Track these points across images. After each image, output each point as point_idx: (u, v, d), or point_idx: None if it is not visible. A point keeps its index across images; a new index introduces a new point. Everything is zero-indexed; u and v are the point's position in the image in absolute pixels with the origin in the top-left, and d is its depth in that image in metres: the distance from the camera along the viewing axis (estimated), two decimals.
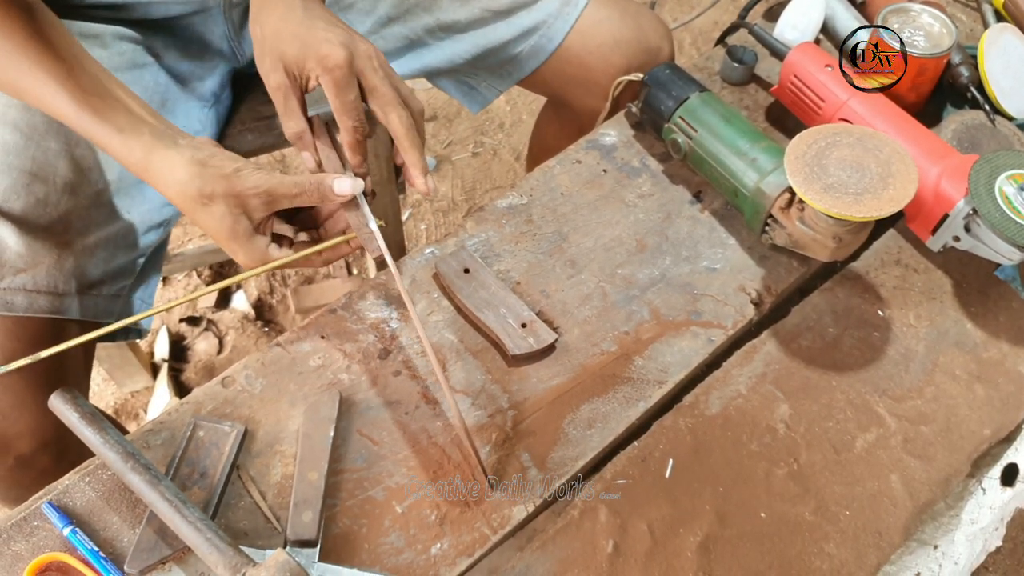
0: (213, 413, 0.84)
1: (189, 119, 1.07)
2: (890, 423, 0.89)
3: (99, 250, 0.96)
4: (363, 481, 0.81)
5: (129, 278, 1.00)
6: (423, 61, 1.16)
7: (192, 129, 1.07)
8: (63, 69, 0.80)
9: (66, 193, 0.94)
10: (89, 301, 0.95)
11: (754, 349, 0.93)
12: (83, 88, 0.80)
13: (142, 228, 1.00)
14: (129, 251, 0.99)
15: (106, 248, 0.96)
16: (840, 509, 0.84)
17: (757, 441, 0.87)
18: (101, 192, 0.96)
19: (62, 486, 0.79)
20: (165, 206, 1.02)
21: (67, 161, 0.94)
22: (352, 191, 0.82)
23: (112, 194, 0.97)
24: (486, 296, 0.91)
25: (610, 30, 1.11)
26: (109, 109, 0.80)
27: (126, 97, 0.83)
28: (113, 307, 0.99)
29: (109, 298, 0.98)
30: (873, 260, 1.00)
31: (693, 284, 0.96)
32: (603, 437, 0.85)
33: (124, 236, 0.98)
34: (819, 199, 0.84)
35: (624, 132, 1.08)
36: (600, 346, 0.91)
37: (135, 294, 1.02)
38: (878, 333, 0.95)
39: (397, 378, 0.87)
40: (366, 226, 0.84)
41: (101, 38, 1.01)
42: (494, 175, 1.99)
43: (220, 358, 1.70)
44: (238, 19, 1.11)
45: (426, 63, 1.16)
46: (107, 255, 0.96)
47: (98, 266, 0.96)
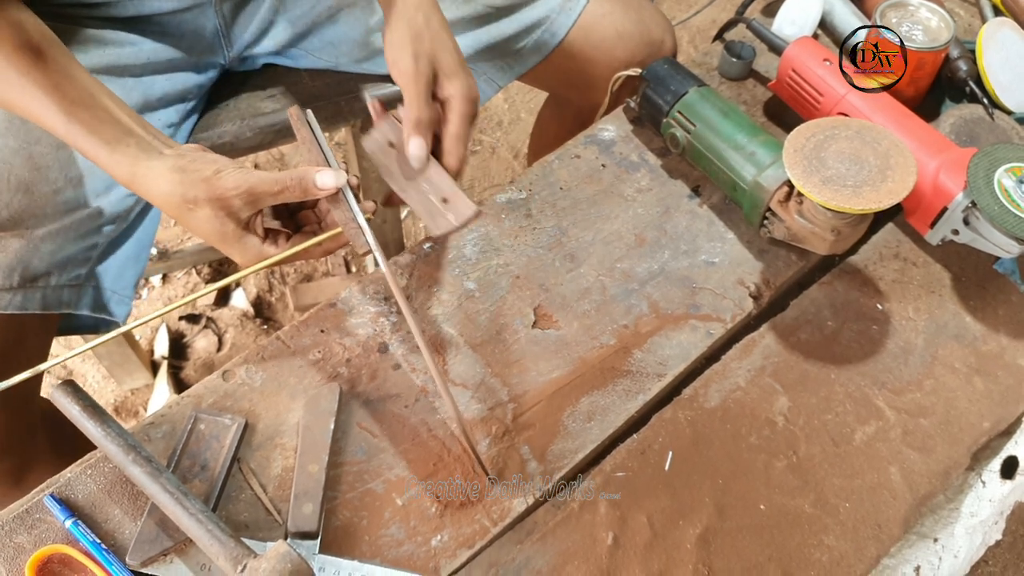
0: (214, 406, 0.84)
1: (169, 115, 1.07)
2: (889, 416, 0.90)
3: (46, 243, 0.94)
4: (363, 474, 0.81)
5: (83, 267, 0.98)
6: None
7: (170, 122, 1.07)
8: (52, 81, 0.80)
9: (20, 192, 0.93)
10: (34, 293, 0.94)
11: (753, 342, 0.93)
12: (71, 100, 0.80)
13: (101, 221, 0.99)
14: (81, 240, 0.98)
15: (54, 241, 0.95)
16: (839, 501, 0.84)
17: (756, 434, 0.87)
18: (58, 190, 0.95)
19: (64, 479, 0.79)
20: (127, 197, 1.01)
21: (23, 159, 0.93)
22: (336, 184, 0.81)
23: (72, 191, 0.96)
24: (409, 171, 0.89)
25: (613, 24, 1.11)
26: (97, 121, 0.80)
27: (114, 107, 0.82)
28: (70, 297, 0.97)
29: (59, 288, 0.96)
30: (872, 254, 1.00)
31: (692, 278, 0.96)
32: (602, 430, 0.85)
33: (77, 227, 0.97)
34: (818, 192, 0.84)
35: (623, 127, 1.09)
36: (599, 339, 0.91)
37: (105, 284, 1.02)
38: (877, 326, 0.95)
39: (397, 371, 0.88)
40: (352, 220, 0.83)
41: (82, 41, 1.01)
42: (492, 173, 1.99)
43: (220, 355, 1.70)
44: (229, 14, 1.10)
45: None
46: (55, 247, 0.95)
47: (43, 259, 0.94)
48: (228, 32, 1.11)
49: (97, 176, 0.97)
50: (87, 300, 0.99)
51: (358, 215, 0.82)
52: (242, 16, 1.11)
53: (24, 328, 0.95)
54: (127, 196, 1.00)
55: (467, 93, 0.88)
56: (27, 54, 0.80)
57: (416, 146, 0.86)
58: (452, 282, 0.95)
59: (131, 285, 1.05)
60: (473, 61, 1.17)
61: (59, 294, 0.96)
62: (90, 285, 0.99)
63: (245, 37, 1.13)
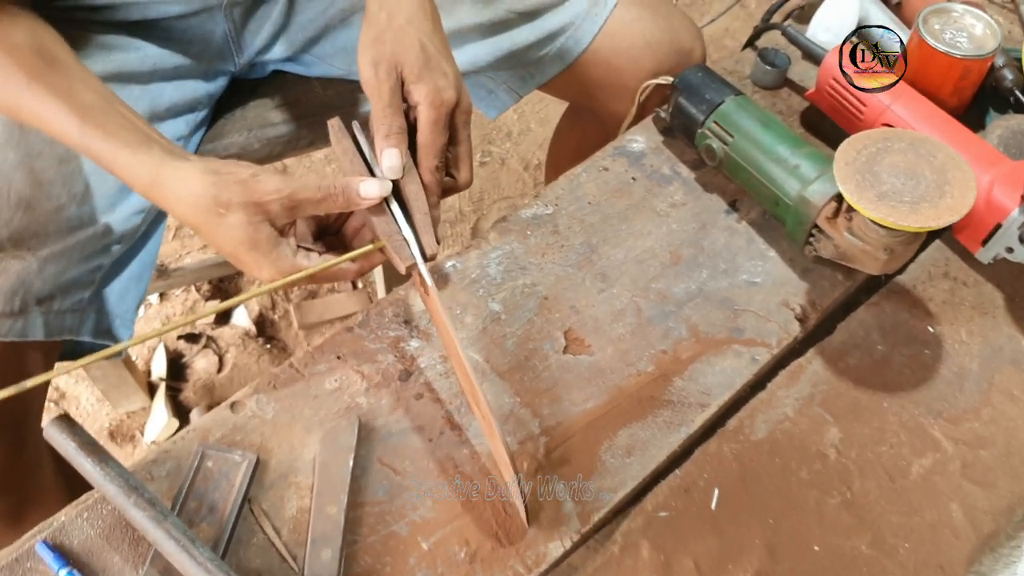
0: (222, 441, 0.78)
1: (178, 126, 1.01)
2: (947, 447, 0.84)
3: (49, 264, 0.89)
4: (385, 515, 0.75)
5: (86, 289, 0.93)
6: None
7: (179, 135, 1.01)
8: (65, 85, 0.75)
9: (20, 209, 0.88)
10: (36, 319, 0.88)
11: (800, 368, 0.87)
12: (86, 105, 0.75)
13: (106, 241, 0.94)
14: (86, 261, 0.92)
15: (58, 262, 0.90)
16: (898, 541, 0.78)
17: (807, 468, 0.81)
18: (61, 207, 0.90)
19: (58, 522, 0.73)
20: (135, 215, 0.96)
21: (24, 174, 0.88)
22: (380, 193, 0.75)
23: (75, 208, 0.91)
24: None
25: (641, 31, 1.05)
26: (115, 126, 0.75)
27: (130, 114, 0.78)
28: (72, 322, 0.92)
29: (62, 313, 0.91)
30: (920, 273, 0.95)
31: (733, 299, 0.90)
32: (643, 465, 0.79)
33: (81, 248, 0.91)
34: (873, 208, 0.78)
35: (653, 138, 1.03)
36: (636, 366, 0.85)
37: (108, 308, 0.95)
38: (929, 351, 0.89)
39: (419, 401, 0.81)
40: (398, 233, 0.77)
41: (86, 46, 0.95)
42: (502, 185, 1.93)
43: (220, 377, 1.63)
44: (239, 19, 1.05)
45: None
46: (59, 269, 0.90)
47: (47, 281, 0.89)
48: (238, 37, 1.06)
49: (101, 193, 0.92)
50: (89, 325, 0.93)
51: (403, 227, 0.77)
52: (253, 21, 1.06)
53: (25, 356, 0.89)
54: (134, 214, 0.95)
55: (433, 97, 0.80)
56: (39, 59, 0.75)
57: (389, 156, 0.78)
58: (476, 303, 0.89)
59: (133, 308, 0.99)
60: (493, 69, 1.11)
61: (62, 319, 0.90)
62: (92, 309, 0.93)
63: (256, 43, 1.07)
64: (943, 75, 0.99)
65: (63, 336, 0.90)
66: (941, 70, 0.99)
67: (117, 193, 0.94)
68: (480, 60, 1.08)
